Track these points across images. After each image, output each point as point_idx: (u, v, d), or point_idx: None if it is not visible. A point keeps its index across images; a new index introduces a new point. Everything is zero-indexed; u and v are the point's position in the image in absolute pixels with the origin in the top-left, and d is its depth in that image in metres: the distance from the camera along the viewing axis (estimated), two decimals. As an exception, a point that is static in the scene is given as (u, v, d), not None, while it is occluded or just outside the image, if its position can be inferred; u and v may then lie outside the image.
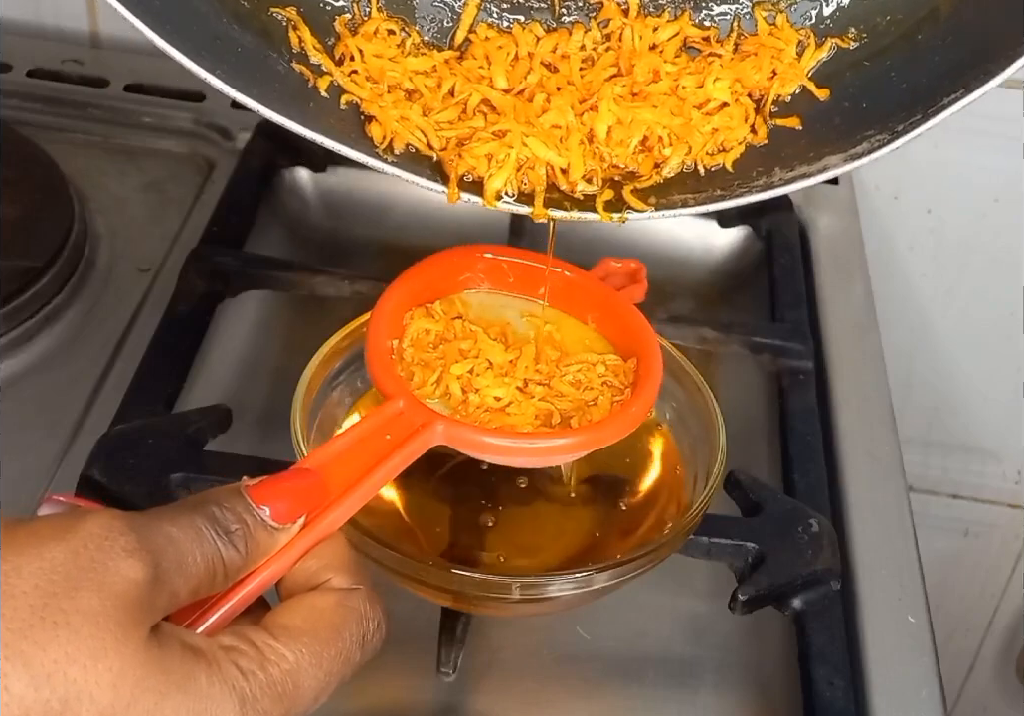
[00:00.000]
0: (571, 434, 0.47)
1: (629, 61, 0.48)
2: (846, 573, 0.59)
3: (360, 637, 0.38)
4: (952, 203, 0.91)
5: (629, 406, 0.48)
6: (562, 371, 0.49)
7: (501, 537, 0.53)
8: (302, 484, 0.40)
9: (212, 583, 0.36)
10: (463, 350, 0.49)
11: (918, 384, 1.00)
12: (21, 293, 0.68)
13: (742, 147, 0.47)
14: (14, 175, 0.73)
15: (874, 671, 0.56)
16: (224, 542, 0.37)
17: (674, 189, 0.47)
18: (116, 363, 0.67)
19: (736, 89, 0.48)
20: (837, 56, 0.48)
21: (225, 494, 0.38)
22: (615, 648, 0.58)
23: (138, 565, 0.34)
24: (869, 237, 0.84)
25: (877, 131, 0.45)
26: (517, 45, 0.48)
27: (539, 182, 0.46)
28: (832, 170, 0.45)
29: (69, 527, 0.34)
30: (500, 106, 0.47)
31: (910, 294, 0.96)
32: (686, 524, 0.49)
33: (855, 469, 0.66)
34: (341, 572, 0.39)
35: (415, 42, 0.48)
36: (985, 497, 1.06)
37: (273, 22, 0.46)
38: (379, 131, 0.46)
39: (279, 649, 0.36)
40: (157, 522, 0.35)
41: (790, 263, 0.77)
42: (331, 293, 0.69)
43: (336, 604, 0.38)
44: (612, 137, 0.47)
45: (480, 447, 0.46)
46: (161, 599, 0.34)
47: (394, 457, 0.43)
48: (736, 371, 0.71)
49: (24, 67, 0.87)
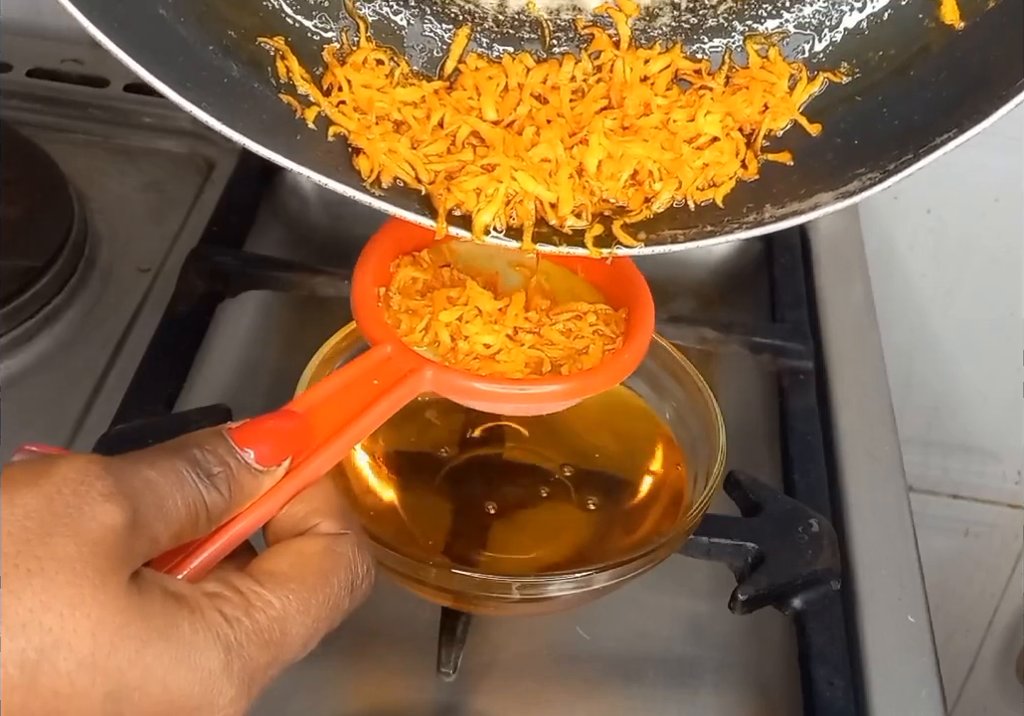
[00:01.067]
0: (561, 381, 0.46)
1: (620, 93, 0.48)
2: (846, 573, 0.59)
3: (349, 583, 0.38)
4: (952, 203, 0.91)
5: (620, 354, 0.47)
6: (552, 320, 0.48)
7: (501, 537, 0.53)
8: (286, 426, 0.39)
9: (195, 528, 0.36)
10: (451, 298, 0.47)
11: (918, 384, 1.00)
12: (21, 293, 0.68)
13: (733, 182, 0.47)
14: (14, 175, 0.73)
15: (874, 671, 0.56)
16: (206, 485, 0.36)
17: (664, 224, 0.46)
18: (116, 363, 0.67)
19: (727, 123, 0.47)
20: (829, 91, 0.48)
21: (207, 436, 0.37)
22: (615, 648, 0.58)
23: (115, 510, 0.33)
24: (869, 237, 0.84)
25: (868, 169, 0.45)
26: (507, 76, 0.48)
27: (528, 216, 0.46)
28: (823, 208, 0.44)
29: (42, 472, 0.33)
30: (489, 138, 0.46)
31: (910, 294, 0.96)
32: (686, 524, 0.49)
33: (855, 469, 0.66)
34: (329, 517, 0.39)
35: (404, 72, 0.48)
36: (985, 497, 1.06)
37: (260, 52, 0.46)
38: (367, 164, 0.45)
39: (265, 595, 0.35)
40: (135, 466, 0.34)
41: (790, 263, 0.77)
42: (331, 293, 0.69)
43: (324, 550, 0.38)
44: (602, 171, 0.46)
45: (469, 393, 0.45)
46: (140, 544, 0.33)
47: (382, 402, 0.42)
48: (736, 371, 0.71)
49: (24, 67, 0.87)
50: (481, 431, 0.56)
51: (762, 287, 0.76)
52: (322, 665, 0.55)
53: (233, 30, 0.45)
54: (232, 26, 0.45)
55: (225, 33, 0.45)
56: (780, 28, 0.48)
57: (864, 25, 0.47)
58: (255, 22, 0.46)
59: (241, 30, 0.45)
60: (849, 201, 0.44)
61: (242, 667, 0.34)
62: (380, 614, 0.57)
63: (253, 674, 0.34)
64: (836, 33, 0.48)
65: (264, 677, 0.35)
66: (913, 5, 0.46)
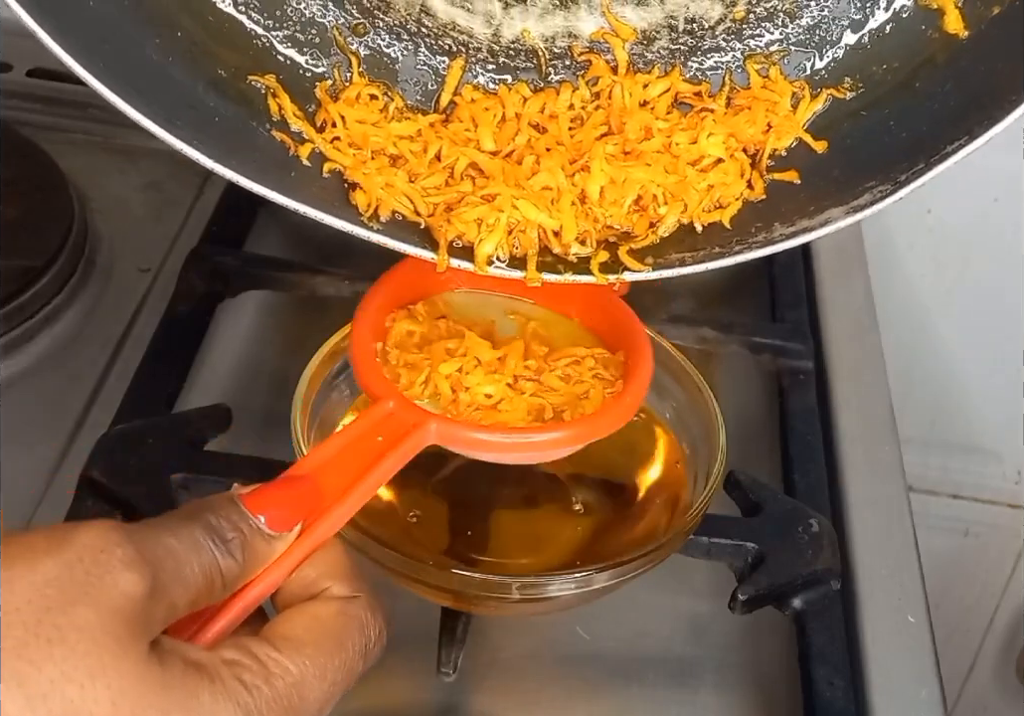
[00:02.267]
0: (565, 428, 0.47)
1: (619, 119, 0.47)
2: (846, 573, 0.59)
3: (362, 646, 0.38)
4: (952, 203, 0.91)
5: (622, 397, 0.48)
6: (551, 366, 0.48)
7: (501, 537, 0.53)
8: (296, 490, 0.40)
9: (211, 594, 0.36)
10: (450, 349, 0.48)
11: (918, 384, 1.00)
12: (21, 293, 0.68)
13: (739, 203, 0.46)
14: (14, 175, 0.73)
15: (874, 671, 0.56)
16: (222, 551, 0.36)
17: (671, 248, 0.46)
18: (116, 363, 0.67)
19: (730, 144, 0.46)
20: (833, 107, 0.47)
21: (220, 502, 0.37)
22: (615, 648, 0.58)
23: (135, 578, 0.33)
24: (869, 237, 0.84)
25: (879, 182, 0.44)
26: (504, 106, 0.47)
27: (531, 245, 0.45)
28: (834, 223, 0.44)
29: (64, 539, 0.33)
30: (488, 169, 0.46)
31: (910, 294, 0.96)
32: (686, 524, 0.49)
33: (855, 469, 0.66)
34: (340, 580, 0.39)
35: (399, 106, 0.47)
36: (985, 497, 1.06)
37: (251, 90, 0.45)
38: (364, 199, 0.45)
39: (283, 662, 0.35)
40: (154, 532, 0.35)
41: (790, 263, 0.77)
42: (331, 293, 0.69)
43: (337, 613, 0.38)
44: (605, 197, 0.45)
45: (475, 444, 0.46)
46: (159, 612, 0.34)
47: (388, 459, 0.43)
48: (736, 371, 0.71)
49: (24, 67, 0.87)
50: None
51: (762, 287, 0.76)
52: (322, 665, 0.55)
53: (223, 69, 0.45)
54: (222, 65, 0.45)
55: (215, 72, 0.44)
56: (780, 47, 0.48)
57: (866, 40, 0.47)
58: (245, 60, 0.45)
59: (231, 68, 0.45)
60: (861, 215, 0.43)
61: None
62: (380, 614, 0.57)
63: None
64: (838, 49, 0.47)
65: None
66: (915, 17, 0.46)
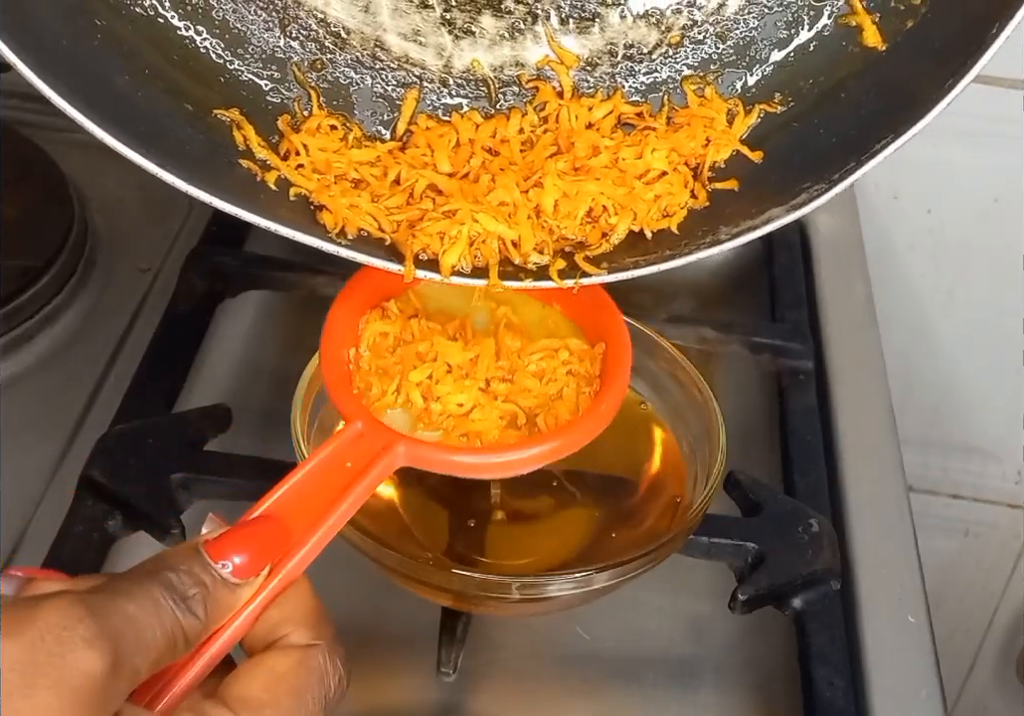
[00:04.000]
0: (538, 443, 0.46)
1: (568, 140, 0.49)
2: (846, 573, 0.59)
3: (321, 697, 0.37)
4: (952, 203, 0.91)
5: (598, 404, 0.47)
6: (525, 361, 0.49)
7: (501, 537, 0.53)
8: (262, 532, 0.39)
9: (173, 652, 0.35)
10: (420, 353, 0.48)
11: (918, 384, 1.00)
12: (21, 293, 0.68)
13: (685, 211, 0.49)
14: (14, 175, 0.73)
15: (874, 671, 0.56)
16: (183, 610, 0.35)
17: (624, 254, 0.48)
18: (116, 363, 0.67)
19: (673, 158, 0.49)
20: (766, 120, 0.50)
21: (182, 555, 0.37)
22: (615, 648, 0.58)
23: (95, 656, 0.32)
24: (869, 237, 0.84)
25: (814, 182, 0.47)
26: (458, 132, 0.49)
27: (492, 255, 0.47)
28: (776, 221, 0.46)
29: (25, 619, 0.33)
30: (447, 188, 0.48)
31: (910, 294, 0.96)
32: (686, 524, 0.49)
33: (855, 469, 0.66)
34: (301, 626, 0.38)
35: (357, 136, 0.49)
36: (985, 497, 1.06)
37: (218, 122, 0.47)
38: (331, 219, 0.46)
39: None
40: (113, 601, 0.34)
41: (790, 263, 0.77)
42: (331, 293, 0.68)
43: (296, 665, 0.37)
44: (559, 210, 0.47)
45: (446, 466, 0.45)
46: (121, 684, 0.33)
47: (355, 488, 0.42)
48: (736, 371, 0.71)
49: (24, 67, 0.87)
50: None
51: (762, 287, 0.76)
52: (322, 665, 0.55)
53: (189, 103, 0.47)
54: (188, 99, 0.47)
55: (182, 105, 0.46)
56: (714, 67, 0.50)
57: (792, 57, 0.50)
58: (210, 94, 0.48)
59: (197, 102, 0.47)
60: (800, 212, 0.46)
61: None
62: (380, 614, 0.57)
63: None
64: (766, 67, 0.50)
65: None
66: (836, 34, 0.49)
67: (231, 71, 0.48)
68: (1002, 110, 0.85)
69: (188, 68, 0.47)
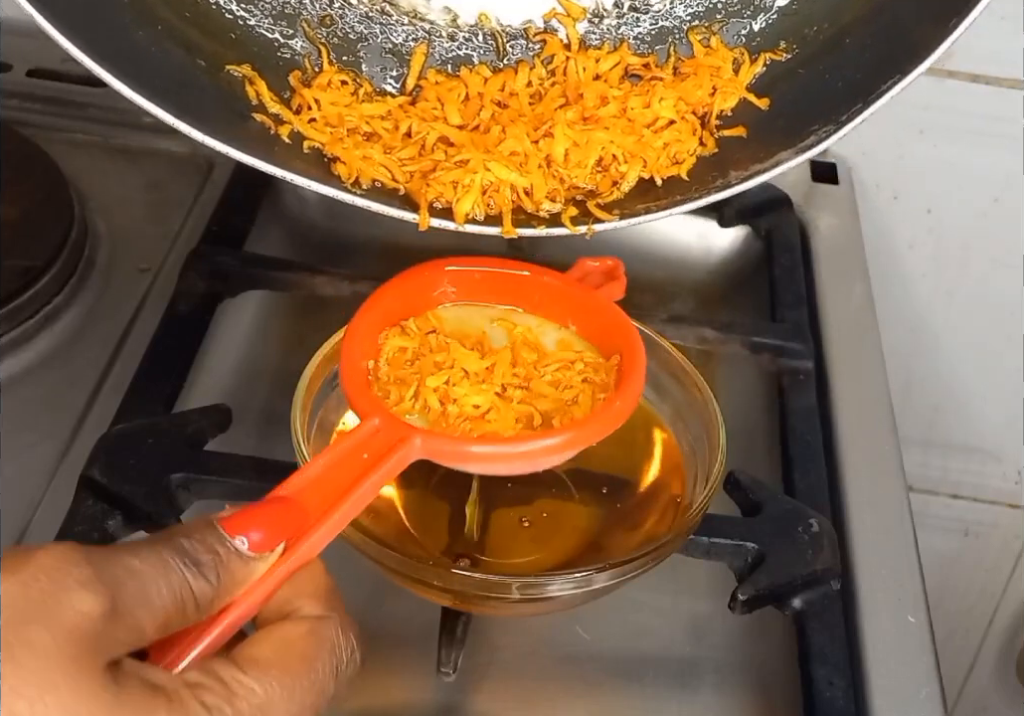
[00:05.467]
0: (554, 435, 0.46)
1: (576, 91, 0.50)
2: (846, 573, 0.59)
3: (333, 667, 0.37)
4: (952, 203, 0.91)
5: (612, 402, 0.47)
6: (540, 372, 0.49)
7: (501, 537, 0.53)
8: (278, 511, 0.39)
9: (183, 617, 0.35)
10: (438, 362, 0.48)
11: (918, 384, 1.00)
12: (21, 293, 0.68)
13: (694, 158, 0.49)
14: (14, 175, 0.73)
15: (874, 671, 0.56)
16: (193, 573, 0.35)
17: (636, 201, 0.48)
18: (116, 363, 0.67)
19: (680, 107, 0.50)
20: (772, 68, 0.50)
21: (196, 526, 0.37)
22: (615, 648, 0.58)
23: (91, 597, 0.32)
24: (869, 237, 0.84)
25: (822, 124, 0.47)
26: (467, 86, 0.50)
27: (505, 203, 0.47)
28: (785, 163, 0.47)
29: (22, 560, 0.33)
30: (458, 140, 0.48)
31: (910, 294, 0.96)
32: (686, 524, 0.49)
33: (855, 469, 0.66)
34: (313, 600, 0.38)
35: (367, 91, 0.50)
36: (985, 497, 1.06)
37: (231, 78, 0.48)
38: (345, 170, 0.47)
39: (248, 683, 0.35)
40: (116, 554, 0.34)
41: (790, 263, 0.77)
42: (331, 293, 0.69)
43: (307, 634, 0.37)
44: (570, 159, 0.48)
45: (461, 457, 0.46)
46: (121, 633, 0.33)
47: (372, 475, 0.42)
48: (736, 371, 0.71)
49: (24, 67, 0.87)
50: (481, 431, 0.56)
51: (762, 287, 0.76)
52: (322, 665, 0.55)
53: (202, 58, 0.47)
54: (201, 54, 0.48)
55: (195, 61, 0.47)
56: (719, 16, 0.51)
57: (796, 5, 0.51)
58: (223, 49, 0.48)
59: (211, 57, 0.48)
60: (809, 153, 0.47)
61: None
62: (380, 614, 0.57)
63: None
64: (771, 15, 0.51)
65: None
66: None
67: (243, 28, 0.49)
68: (1002, 110, 0.85)
69: (201, 25, 0.48)
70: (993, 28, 0.80)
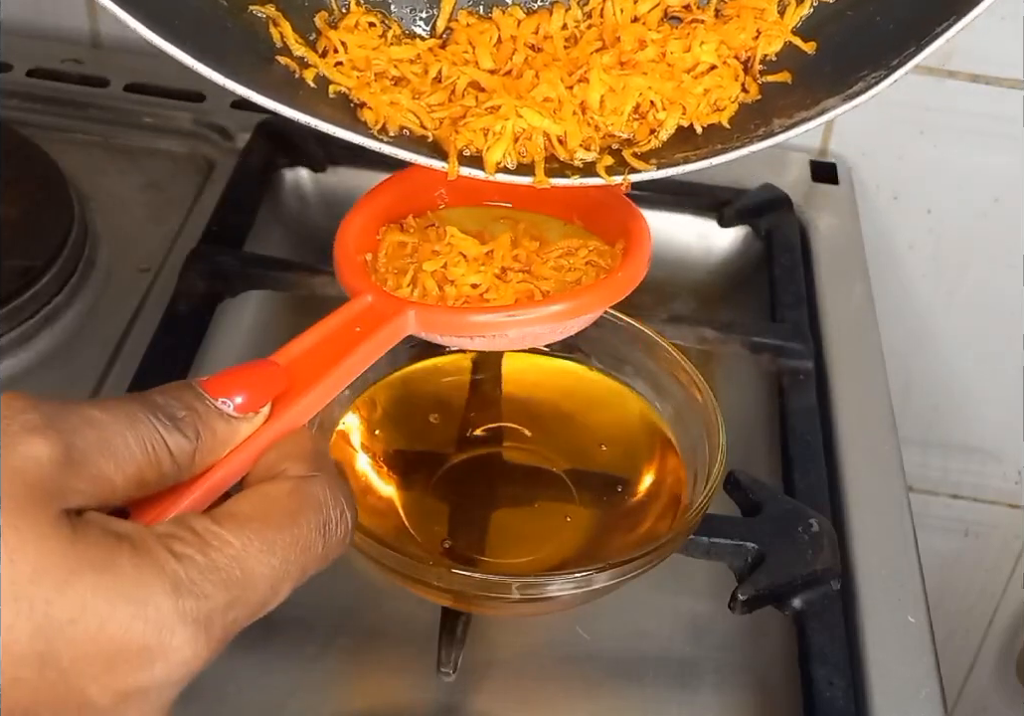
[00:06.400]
0: (555, 301, 0.44)
1: (613, 35, 0.48)
2: (846, 573, 0.59)
3: (320, 525, 0.35)
4: (952, 203, 0.91)
5: (616, 272, 0.46)
6: (543, 258, 0.47)
7: (501, 537, 0.53)
8: (262, 373, 0.38)
9: (159, 473, 0.34)
10: (436, 250, 0.47)
11: (918, 384, 1.00)
12: (21, 293, 0.68)
13: (736, 105, 0.47)
14: (14, 175, 0.73)
15: (874, 671, 0.56)
16: (167, 427, 0.34)
17: (674, 150, 0.46)
18: (116, 363, 0.67)
19: (722, 52, 0.47)
20: (819, 10, 0.48)
21: (172, 385, 0.36)
22: (615, 648, 0.58)
23: (40, 441, 0.31)
24: (869, 237, 0.84)
25: (871, 69, 0.45)
26: (499, 29, 0.48)
27: (537, 151, 0.45)
28: (832, 111, 0.45)
29: None
30: (489, 85, 0.46)
31: (910, 294, 0.96)
32: (686, 524, 0.49)
33: (855, 469, 0.66)
34: (299, 461, 0.37)
35: (396, 34, 0.48)
36: (985, 497, 1.06)
37: (254, 19, 0.46)
38: (372, 116, 0.45)
39: (223, 534, 0.33)
40: (74, 404, 0.33)
41: (790, 263, 0.77)
42: (331, 293, 0.69)
43: (291, 491, 0.35)
44: (605, 105, 0.46)
45: (458, 327, 0.44)
46: (81, 483, 0.32)
47: (364, 345, 0.41)
48: (736, 371, 0.71)
49: (24, 67, 0.87)
50: (481, 431, 0.56)
51: (762, 287, 0.76)
52: (322, 665, 0.55)
53: None
54: None
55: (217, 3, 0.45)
56: None
57: None
58: None
59: None
60: (857, 101, 0.45)
61: (196, 606, 0.32)
62: (380, 614, 0.57)
63: (210, 614, 0.32)
64: None
65: (225, 619, 0.33)
66: None
67: None
68: (1002, 110, 0.85)
69: None
70: (993, 28, 0.80)
